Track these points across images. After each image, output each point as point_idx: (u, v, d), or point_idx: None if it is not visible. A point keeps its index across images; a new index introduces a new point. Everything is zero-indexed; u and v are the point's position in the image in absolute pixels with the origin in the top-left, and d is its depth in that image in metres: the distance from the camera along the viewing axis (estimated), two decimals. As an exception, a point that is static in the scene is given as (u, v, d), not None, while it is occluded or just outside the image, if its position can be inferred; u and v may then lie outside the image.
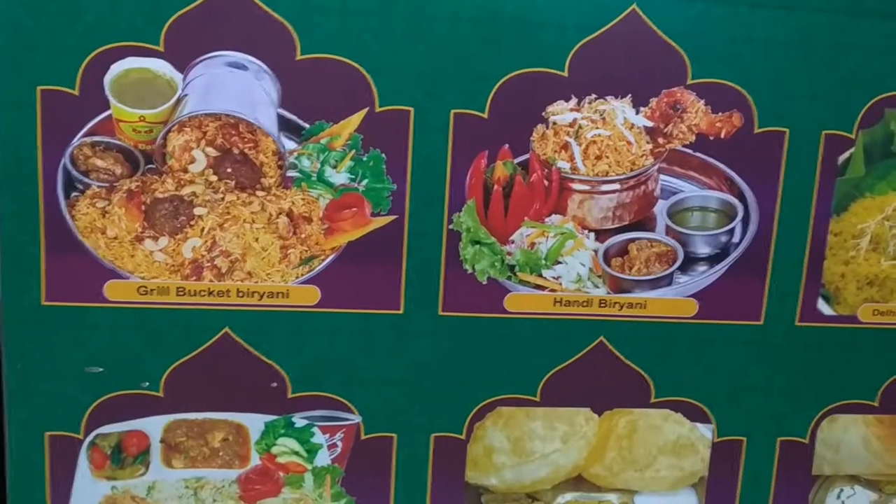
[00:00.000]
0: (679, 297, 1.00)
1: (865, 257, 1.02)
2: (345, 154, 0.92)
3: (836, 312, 1.03)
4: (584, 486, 1.05)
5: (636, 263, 0.99)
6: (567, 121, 0.95)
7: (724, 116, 0.96)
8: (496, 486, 1.03)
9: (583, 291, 0.99)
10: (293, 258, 0.94)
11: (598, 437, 1.03)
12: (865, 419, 1.07)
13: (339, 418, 0.98)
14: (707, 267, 1.00)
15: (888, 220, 1.02)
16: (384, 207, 0.94)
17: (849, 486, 1.10)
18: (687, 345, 1.01)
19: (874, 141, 0.99)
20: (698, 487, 1.06)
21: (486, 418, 1.01)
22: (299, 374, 0.97)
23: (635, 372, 1.02)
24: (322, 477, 0.99)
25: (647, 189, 0.98)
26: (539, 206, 0.96)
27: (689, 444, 1.05)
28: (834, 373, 1.05)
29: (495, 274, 0.97)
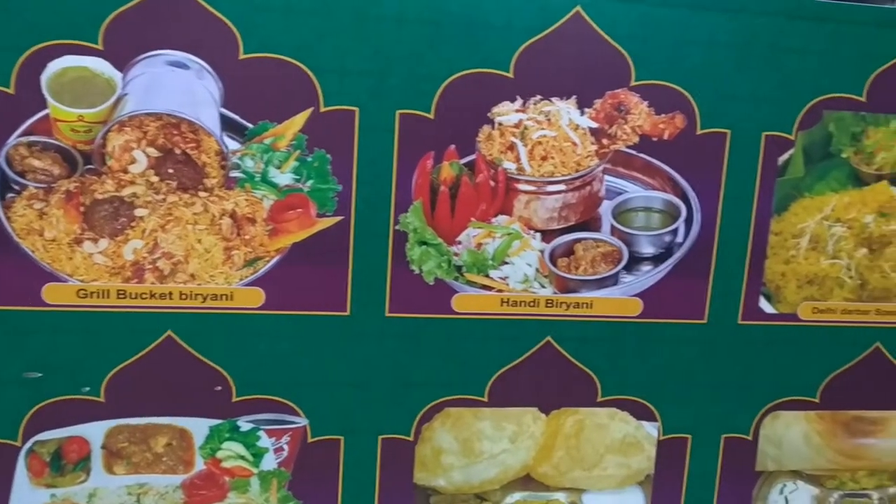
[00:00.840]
0: (624, 297, 1.01)
1: (805, 256, 1.04)
2: (289, 154, 0.91)
3: (777, 311, 1.05)
4: (532, 486, 1.05)
5: (582, 263, 1.00)
6: (513, 122, 0.95)
7: (666, 118, 0.97)
8: (445, 488, 1.03)
9: (529, 291, 0.99)
10: (237, 260, 0.93)
11: (546, 437, 1.04)
12: (807, 415, 1.09)
13: (285, 421, 0.97)
14: (651, 267, 1.01)
15: (827, 219, 1.04)
16: (329, 208, 0.93)
17: (791, 481, 1.12)
18: (632, 344, 1.02)
19: (813, 142, 1.01)
20: (645, 485, 1.07)
21: (435, 419, 1.01)
22: (244, 378, 0.95)
23: (582, 371, 1.02)
24: (268, 481, 0.98)
25: (593, 190, 0.99)
26: (485, 206, 0.97)
27: (636, 442, 1.06)
28: (776, 370, 1.07)
29: (442, 275, 0.97)
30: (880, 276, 1.06)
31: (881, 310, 1.07)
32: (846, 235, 1.04)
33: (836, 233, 1.04)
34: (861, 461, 1.12)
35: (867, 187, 1.04)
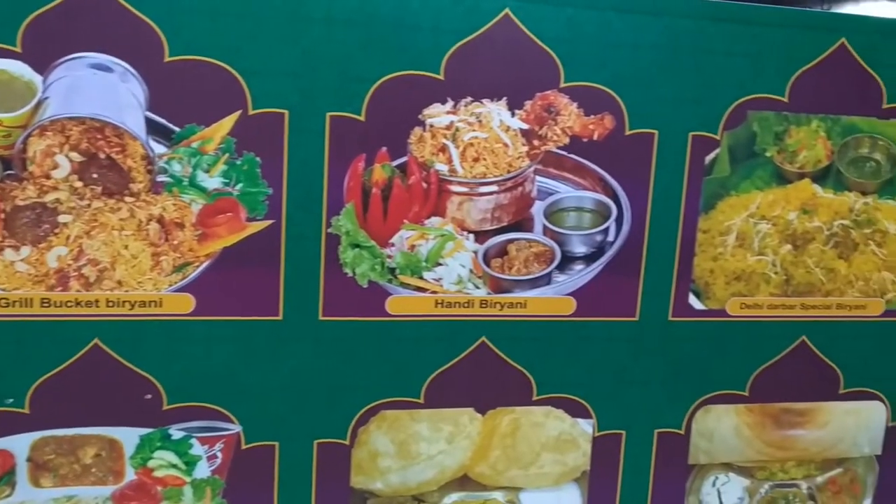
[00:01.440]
0: (557, 296, 1.02)
1: (732, 253, 1.06)
2: (217, 158, 0.90)
3: (706, 307, 1.07)
4: (469, 486, 1.05)
5: (515, 264, 1.00)
6: (444, 123, 0.95)
7: (596, 119, 0.99)
8: (382, 490, 1.02)
9: (464, 292, 0.99)
10: (165, 265, 0.91)
11: (483, 437, 1.04)
12: (737, 409, 1.11)
13: (218, 428, 0.96)
14: (584, 266, 1.02)
15: (753, 217, 1.06)
16: (260, 212, 0.92)
17: (723, 473, 1.14)
18: (566, 342, 1.03)
19: (738, 142, 1.04)
20: (581, 481, 1.08)
21: (370, 422, 1.00)
22: (175, 385, 0.94)
23: (517, 370, 1.03)
24: (202, 489, 0.97)
25: (525, 190, 1.00)
26: (418, 208, 0.97)
27: (571, 439, 1.07)
28: (706, 365, 1.09)
29: (376, 277, 0.96)
30: (804, 272, 1.09)
31: (806, 304, 1.10)
32: (771, 232, 1.07)
33: (762, 230, 1.07)
34: (790, 452, 1.15)
35: (790, 185, 1.07)
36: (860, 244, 1.10)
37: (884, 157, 1.08)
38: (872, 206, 1.09)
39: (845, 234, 1.09)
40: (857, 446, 1.17)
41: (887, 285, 1.12)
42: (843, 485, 1.19)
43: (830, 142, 1.07)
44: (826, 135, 1.06)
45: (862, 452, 1.18)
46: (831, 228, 1.09)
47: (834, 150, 1.07)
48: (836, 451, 1.17)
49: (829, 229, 1.09)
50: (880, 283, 1.12)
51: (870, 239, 1.10)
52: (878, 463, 1.19)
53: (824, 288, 1.10)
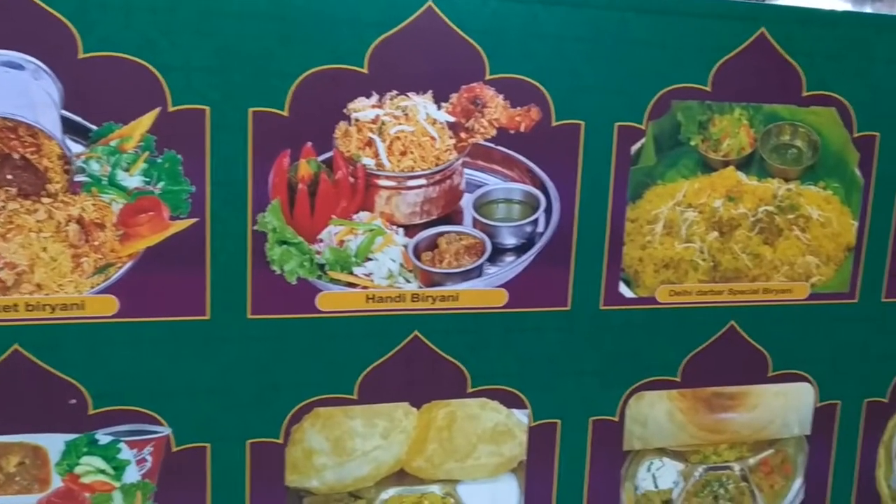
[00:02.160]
0: (489, 288, 1.02)
1: (661, 241, 1.08)
2: (137, 156, 0.88)
3: (636, 295, 1.08)
4: (406, 481, 1.05)
5: (446, 257, 1.00)
6: (369, 117, 0.95)
7: (522, 110, 0.99)
8: (318, 488, 1.02)
9: (395, 287, 0.99)
10: (87, 267, 0.89)
11: (418, 431, 1.04)
12: (669, 394, 1.13)
13: (146, 431, 0.94)
14: (514, 257, 1.03)
15: (679, 205, 1.08)
16: (183, 210, 0.91)
17: (658, 458, 1.16)
18: (499, 334, 1.04)
19: (663, 131, 1.05)
20: (518, 472, 1.09)
21: (304, 420, 1.00)
22: (100, 389, 0.92)
23: (451, 363, 1.03)
24: (132, 494, 0.95)
25: (453, 183, 1.00)
26: (346, 203, 0.96)
27: (507, 430, 1.07)
28: (638, 352, 1.10)
29: (305, 274, 0.96)
30: (731, 258, 1.11)
31: (734, 289, 1.12)
32: (698, 220, 1.09)
33: (689, 218, 1.09)
34: (722, 435, 1.17)
35: (715, 173, 1.09)
36: (784, 230, 1.12)
37: (805, 143, 1.11)
38: (795, 192, 1.12)
39: (770, 220, 1.11)
40: (787, 427, 1.20)
41: (811, 269, 1.15)
42: (775, 465, 1.21)
43: (753, 130, 1.09)
44: (749, 123, 1.08)
45: (792, 433, 1.20)
46: (756, 215, 1.11)
47: (757, 138, 1.09)
48: (766, 432, 1.19)
49: (754, 216, 1.11)
50: (805, 267, 1.14)
51: (793, 224, 1.12)
52: (808, 443, 1.21)
53: (751, 273, 1.12)
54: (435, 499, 1.07)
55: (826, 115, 1.11)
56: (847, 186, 1.14)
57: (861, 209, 1.15)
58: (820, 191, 1.13)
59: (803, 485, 1.22)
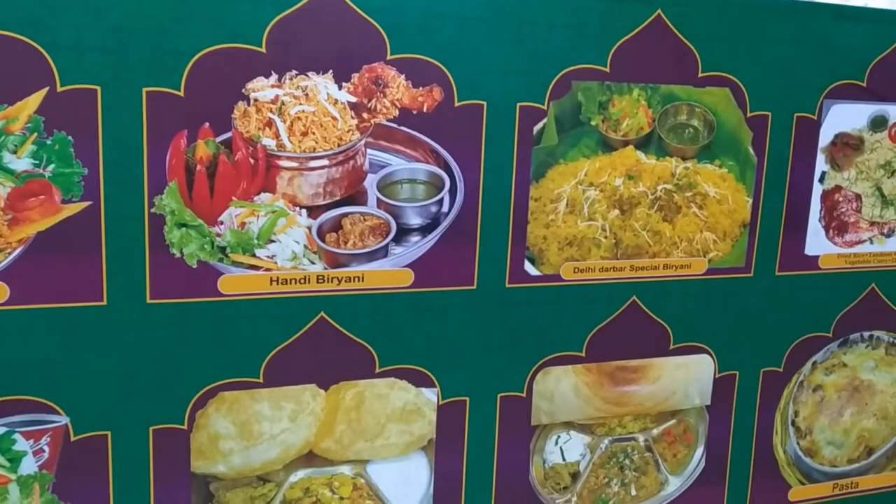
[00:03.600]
0: (395, 269, 1.03)
1: (564, 220, 1.10)
2: (25, 138, 0.85)
3: (541, 272, 1.10)
4: (316, 462, 1.05)
5: (351, 238, 1.00)
6: (269, 97, 0.94)
7: (424, 91, 0.99)
8: (225, 473, 1.01)
9: (299, 269, 0.99)
10: (-27, 253, 0.86)
11: (327, 412, 1.04)
12: (575, 369, 1.16)
13: (43, 421, 0.92)
14: (420, 237, 1.03)
15: (581, 184, 1.10)
16: (76, 193, 0.88)
17: (565, 431, 1.18)
18: (406, 313, 1.05)
19: (564, 111, 1.07)
20: (428, 449, 1.10)
21: (209, 405, 0.98)
22: (-8, 379, 0.89)
23: (358, 344, 1.03)
24: (29, 486, 0.92)
25: (356, 164, 1.00)
26: (246, 185, 0.95)
27: (416, 408, 1.08)
28: (544, 329, 1.12)
29: (205, 257, 0.94)
30: (632, 235, 1.14)
31: (635, 266, 1.15)
32: (599, 198, 1.11)
33: (591, 196, 1.11)
34: (626, 407, 1.21)
35: (615, 152, 1.12)
36: (682, 207, 1.16)
37: (701, 123, 1.14)
38: (692, 171, 1.15)
39: (668, 197, 1.15)
40: (688, 398, 1.24)
41: (709, 245, 1.18)
42: (678, 435, 1.26)
43: (651, 110, 1.11)
44: (647, 103, 1.11)
45: (693, 404, 1.25)
46: (655, 193, 1.14)
47: (655, 118, 1.12)
48: (669, 403, 1.23)
49: (654, 194, 1.14)
50: (703, 243, 1.18)
51: (691, 202, 1.16)
52: (708, 412, 1.26)
53: (651, 250, 1.15)
54: (345, 479, 1.07)
55: (720, 95, 1.14)
56: (741, 164, 1.18)
57: (755, 186, 1.20)
58: (716, 169, 1.17)
59: (704, 453, 1.27)
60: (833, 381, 1.34)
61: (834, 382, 1.34)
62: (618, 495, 1.23)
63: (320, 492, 1.06)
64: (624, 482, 1.23)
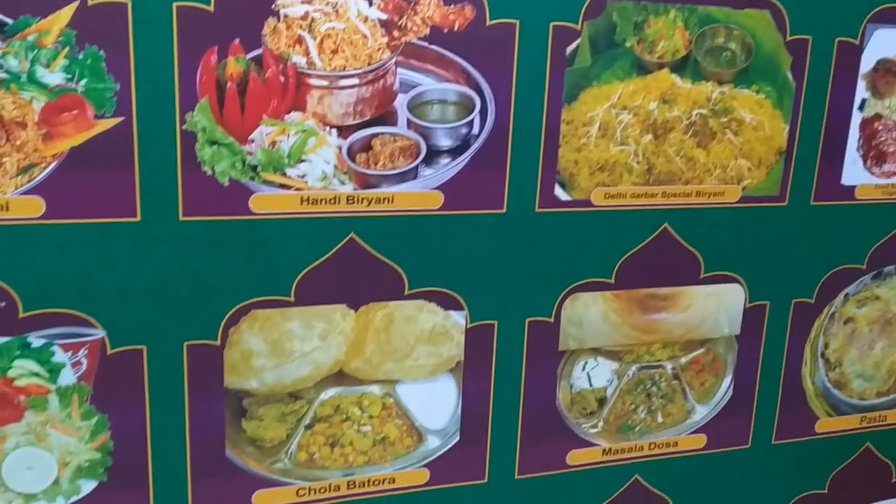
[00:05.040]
0: (425, 191, 1.03)
1: (596, 144, 1.09)
2: (57, 52, 0.86)
3: (571, 197, 1.09)
4: (346, 381, 1.07)
5: (381, 158, 1.00)
6: (299, 14, 0.93)
7: (455, 8, 0.98)
8: (257, 389, 1.03)
9: (329, 189, 0.99)
10: (9, 167, 0.87)
11: (356, 332, 1.05)
12: (604, 296, 1.16)
13: (80, 334, 0.94)
14: (450, 159, 1.03)
15: (614, 107, 1.08)
16: (108, 109, 0.88)
17: (592, 358, 1.19)
18: (435, 236, 1.05)
19: (598, 32, 1.05)
20: (456, 372, 1.11)
21: (241, 322, 1.00)
22: (30, 292, 0.91)
23: (388, 266, 1.04)
24: (68, 397, 0.95)
25: (386, 83, 0.99)
26: (277, 103, 0.95)
27: (445, 331, 1.09)
28: (573, 254, 1.12)
29: (237, 175, 0.95)
30: (665, 161, 1.12)
31: (667, 192, 1.14)
32: (633, 122, 1.10)
33: (624, 120, 1.09)
34: (655, 335, 1.21)
35: (650, 75, 1.09)
36: (718, 133, 1.14)
37: (739, 46, 1.12)
38: (729, 96, 1.13)
39: (703, 123, 1.13)
40: (717, 327, 1.24)
41: (743, 172, 1.17)
42: (706, 364, 1.26)
43: (688, 32, 1.09)
44: (684, 24, 1.08)
45: (722, 333, 1.24)
46: (690, 118, 1.12)
47: (691, 40, 1.09)
48: (698, 332, 1.23)
49: (688, 119, 1.12)
50: (737, 170, 1.16)
51: (726, 128, 1.14)
52: (737, 342, 1.26)
53: (684, 176, 1.14)
54: (374, 398, 1.09)
55: (760, 17, 1.11)
56: (779, 90, 1.15)
57: (792, 113, 1.17)
58: (753, 94, 1.14)
59: (732, 382, 1.27)
60: (865, 314, 1.33)
61: (866, 315, 1.33)
62: (644, 422, 1.24)
63: (350, 410, 1.08)
64: (650, 409, 1.24)
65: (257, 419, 1.04)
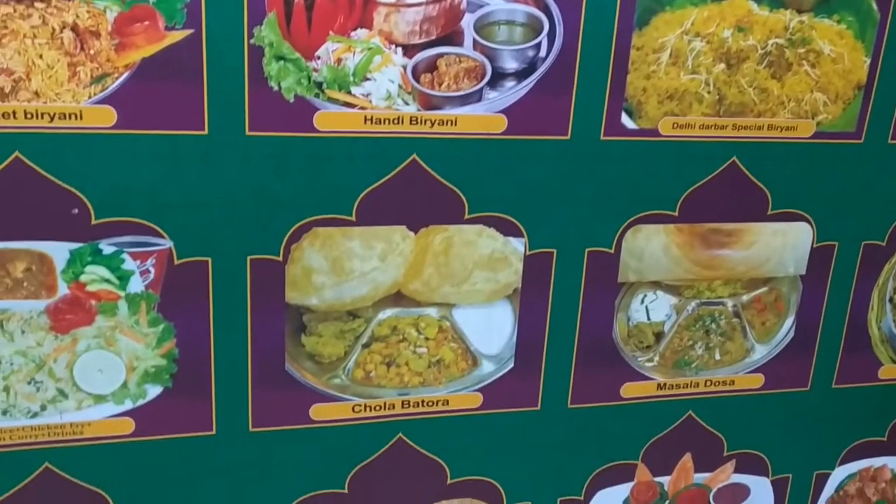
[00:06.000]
0: (488, 114, 1.02)
1: (666, 71, 1.06)
2: (130, -38, 0.87)
3: (638, 126, 1.07)
4: (403, 302, 1.08)
5: (445, 79, 0.99)
6: (368, -72, 0.92)
7: (527, -74, 0.95)
8: (317, 306, 1.05)
9: (393, 109, 0.99)
10: (83, 77, 0.89)
11: (415, 254, 1.06)
12: (666, 228, 1.14)
13: (149, 244, 0.97)
14: (515, 83, 1.01)
15: (687, 34, 1.05)
16: (179, 20, 0.89)
17: (651, 291, 1.18)
18: (497, 161, 1.04)
19: (674, -46, 1.01)
20: (513, 298, 1.11)
21: (303, 239, 1.01)
22: (102, 200, 0.93)
23: (449, 189, 1.04)
24: (137, 304, 0.98)
25: (454, 2, 0.98)
26: (343, 19, 0.94)
27: (503, 257, 1.09)
28: (637, 185, 1.10)
29: (302, 91, 0.95)
30: (737, 91, 1.09)
31: (737, 124, 1.11)
32: (705, 50, 1.06)
33: (696, 48, 1.06)
34: (717, 271, 1.19)
35: (726, 1, 1.06)
36: (794, 64, 1.10)
37: (822, -28, 1.07)
38: (808, 25, 1.08)
39: (779, 53, 1.09)
40: (782, 266, 1.21)
41: (819, 107, 1.13)
42: (768, 303, 1.23)
43: (768, -44, 1.05)
44: (764, -52, 1.04)
45: (787, 272, 1.22)
46: (765, 47, 1.08)
47: (772, -35, 1.05)
48: (762, 270, 1.21)
49: (764, 48, 1.08)
50: (812, 104, 1.12)
51: (803, 59, 1.10)
52: (802, 282, 1.23)
53: (756, 108, 1.10)
54: (431, 321, 1.10)
55: (847, -58, 1.06)
56: (862, 21, 1.10)
57: (874, 46, 1.12)
58: (833, 24, 1.10)
59: (794, 323, 1.25)
60: (939, 260, 1.28)
61: (940, 261, 1.28)
62: (701, 358, 1.23)
63: (407, 331, 1.09)
64: (708, 346, 1.23)
65: (316, 335, 1.06)
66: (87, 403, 1.00)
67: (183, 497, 1.07)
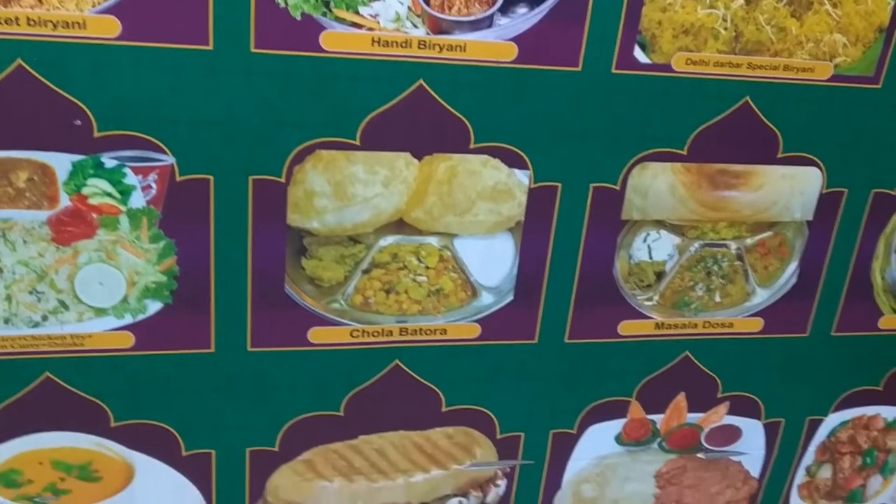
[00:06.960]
0: (499, 41, 1.00)
1: (682, 5, 1.03)
2: None
3: (651, 60, 1.05)
4: (405, 230, 1.08)
5: (456, 3, 0.97)
6: None
7: None
8: (318, 230, 1.05)
9: (402, 31, 0.97)
10: (87, -16, 0.87)
11: (419, 182, 1.05)
12: (673, 167, 1.13)
13: (151, 159, 0.96)
14: (527, 9, 0.99)
15: (706, -34, 1.02)
16: (185, -70, 0.87)
17: (655, 230, 1.17)
18: (506, 90, 1.02)
19: None
20: (515, 231, 1.11)
21: (306, 161, 1.01)
22: (105, 112, 0.93)
23: (455, 117, 1.03)
24: (138, 219, 0.98)
25: (468, -78, 0.95)
26: (353, -65, 0.92)
27: (507, 189, 1.08)
28: (647, 121, 1.09)
29: (309, 9, 0.93)
30: (755, 29, 1.06)
31: (753, 63, 1.08)
32: (724, -16, 1.04)
33: (715, -19, 1.03)
34: (722, 213, 1.18)
35: (749, -67, 1.03)
36: (815, 3, 1.07)
37: None
38: (832, -38, 1.05)
39: (801, -10, 1.06)
40: (789, 211, 1.20)
41: (838, 48, 1.10)
42: (772, 247, 1.23)
43: None
44: None
45: (793, 217, 1.21)
46: (787, -16, 1.05)
47: None
48: (768, 214, 1.20)
49: (785, -16, 1.05)
50: (831, 45, 1.10)
51: (825, -3, 1.07)
52: (808, 228, 1.22)
53: (773, 48, 1.08)
54: (432, 249, 1.10)
55: None
56: (889, -40, 1.07)
57: (901, -13, 1.09)
58: (859, -38, 1.06)
59: (798, 269, 1.24)
60: (949, 212, 1.27)
61: (950, 213, 1.27)
62: (701, 300, 1.23)
63: (407, 258, 1.09)
64: (709, 287, 1.22)
65: (317, 258, 1.06)
66: (88, 316, 1.01)
67: (180, 412, 1.09)
